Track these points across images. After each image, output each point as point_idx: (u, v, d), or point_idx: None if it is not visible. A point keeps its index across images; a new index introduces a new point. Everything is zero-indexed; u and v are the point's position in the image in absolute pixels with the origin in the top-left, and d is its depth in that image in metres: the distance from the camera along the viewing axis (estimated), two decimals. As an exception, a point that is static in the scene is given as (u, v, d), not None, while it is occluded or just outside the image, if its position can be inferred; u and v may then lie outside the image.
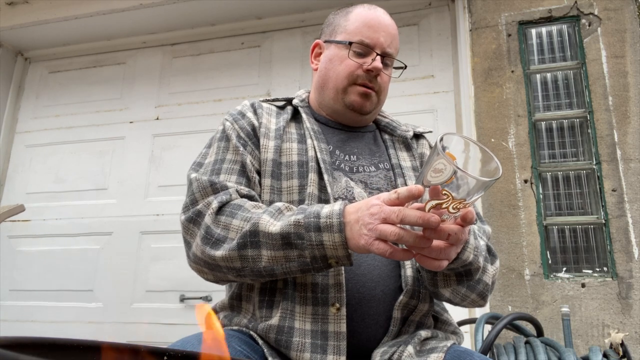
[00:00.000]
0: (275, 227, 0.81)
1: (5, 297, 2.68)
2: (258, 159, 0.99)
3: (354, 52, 1.04)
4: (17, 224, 2.78)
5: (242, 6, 2.67)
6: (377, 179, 1.02)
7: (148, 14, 2.75)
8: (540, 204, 2.06)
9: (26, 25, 2.86)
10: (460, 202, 0.68)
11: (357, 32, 1.04)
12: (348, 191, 0.98)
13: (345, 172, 1.01)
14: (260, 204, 0.89)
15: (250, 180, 0.96)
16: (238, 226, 0.84)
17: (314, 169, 0.96)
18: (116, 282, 2.54)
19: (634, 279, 1.89)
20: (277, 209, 0.85)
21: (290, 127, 1.06)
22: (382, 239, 0.73)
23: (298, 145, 1.01)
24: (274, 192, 0.96)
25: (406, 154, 1.10)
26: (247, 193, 0.92)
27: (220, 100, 2.71)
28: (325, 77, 1.08)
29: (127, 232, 2.61)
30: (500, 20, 2.32)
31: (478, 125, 2.22)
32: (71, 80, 3.02)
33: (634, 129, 2.04)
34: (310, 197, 0.93)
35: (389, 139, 1.13)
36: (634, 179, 1.99)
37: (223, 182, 0.92)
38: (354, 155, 1.05)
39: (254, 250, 0.82)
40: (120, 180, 2.72)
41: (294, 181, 0.96)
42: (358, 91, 1.04)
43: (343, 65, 1.04)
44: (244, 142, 1.00)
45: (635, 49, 2.12)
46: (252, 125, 1.02)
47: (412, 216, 0.70)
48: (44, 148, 2.92)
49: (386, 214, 0.72)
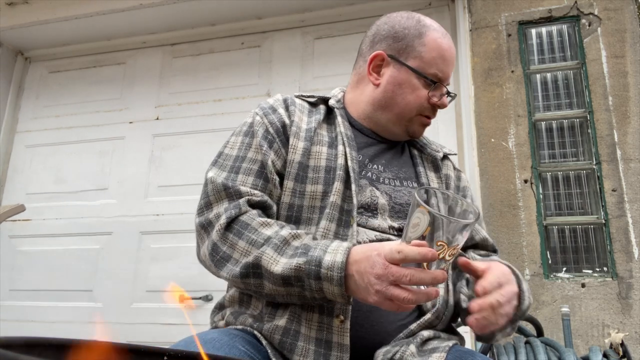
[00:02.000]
0: (277, 267, 0.81)
1: (5, 297, 2.68)
2: (283, 158, 0.97)
3: (425, 83, 1.02)
4: (17, 224, 2.78)
5: (242, 6, 2.67)
6: (401, 194, 1.01)
7: (148, 14, 2.75)
8: (540, 204, 2.06)
9: (26, 25, 2.86)
10: (454, 249, 0.70)
11: (432, 63, 1.02)
12: (373, 201, 0.97)
13: (371, 181, 0.99)
14: (268, 221, 0.88)
15: (268, 182, 0.94)
16: (243, 249, 0.85)
17: (340, 178, 0.94)
18: (116, 282, 2.54)
19: (634, 279, 1.89)
20: (283, 239, 0.84)
21: (322, 129, 1.03)
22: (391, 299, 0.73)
23: (328, 149, 0.99)
24: (295, 195, 0.94)
25: (434, 175, 1.09)
26: (259, 200, 0.91)
27: (220, 100, 2.71)
28: (390, 100, 1.04)
29: (127, 232, 2.61)
30: (500, 20, 2.32)
31: (478, 125, 2.22)
32: (71, 80, 3.02)
33: (634, 129, 2.04)
34: (332, 206, 0.92)
35: (417, 155, 1.11)
36: (634, 179, 1.99)
37: (237, 187, 0.91)
38: (381, 166, 1.04)
39: (257, 280, 0.84)
40: (120, 180, 2.72)
41: (319, 187, 0.94)
42: (422, 122, 1.05)
43: (414, 96, 1.02)
44: (272, 138, 0.98)
45: (635, 49, 2.12)
46: (283, 122, 1.00)
47: (426, 279, 0.71)
48: (44, 148, 2.92)
49: (396, 278, 0.72)
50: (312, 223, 0.93)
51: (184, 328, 2.35)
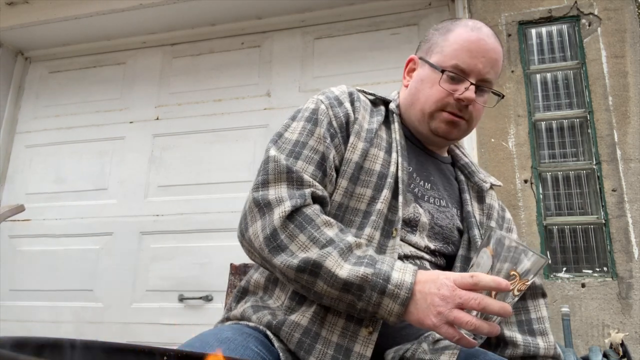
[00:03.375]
0: (342, 272, 0.78)
1: (5, 297, 2.68)
2: (341, 155, 0.94)
3: (448, 77, 0.98)
4: (17, 224, 2.78)
5: (242, 6, 2.67)
6: (443, 216, 0.99)
7: (148, 14, 2.75)
8: (540, 204, 2.06)
9: (26, 25, 2.86)
10: (524, 283, 0.71)
11: (453, 56, 0.98)
12: (415, 217, 0.95)
13: (416, 197, 0.98)
14: (330, 221, 0.85)
15: (325, 176, 0.91)
16: (302, 243, 0.82)
17: (390, 186, 0.92)
18: (116, 282, 2.54)
19: (634, 279, 1.89)
20: (348, 245, 0.81)
21: (382, 131, 1.00)
22: (451, 323, 0.72)
23: (385, 154, 0.96)
24: (347, 195, 0.92)
25: (477, 205, 1.07)
26: (321, 195, 0.89)
27: (220, 100, 2.71)
28: (414, 97, 1.03)
29: (127, 232, 2.61)
30: (500, 20, 2.32)
31: (478, 125, 2.22)
32: (71, 80, 3.02)
33: (634, 129, 2.04)
34: (378, 214, 0.90)
35: (464, 181, 1.09)
36: (634, 179, 1.99)
37: (300, 173, 0.88)
38: (428, 183, 1.01)
39: (311, 278, 0.81)
40: (120, 180, 2.72)
41: (368, 191, 0.92)
42: (445, 119, 0.99)
43: (433, 90, 0.99)
44: (334, 132, 0.95)
45: (635, 49, 2.12)
46: (347, 117, 0.97)
47: (494, 306, 0.70)
48: (44, 148, 2.92)
49: (464, 300, 0.71)
50: (353, 226, 0.91)
51: (184, 328, 2.35)
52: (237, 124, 2.61)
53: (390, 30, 2.57)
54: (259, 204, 0.87)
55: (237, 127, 2.61)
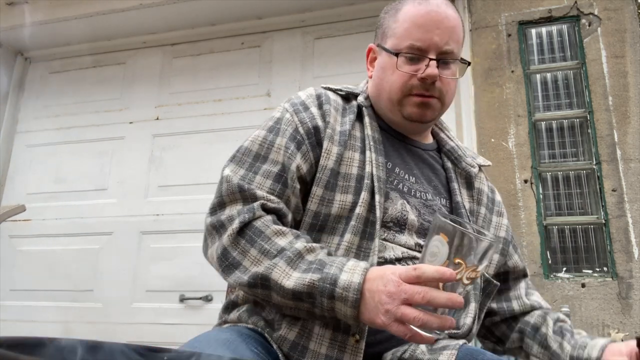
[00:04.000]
0: (289, 282, 0.77)
1: (5, 297, 2.68)
2: (310, 162, 0.91)
3: (405, 59, 0.94)
4: (17, 224, 2.78)
5: (242, 6, 2.67)
6: (430, 211, 0.95)
7: (148, 14, 2.75)
8: (540, 204, 2.06)
9: (26, 25, 2.86)
10: (473, 270, 0.66)
11: (406, 36, 0.93)
12: (403, 215, 0.91)
13: (402, 194, 0.93)
14: (283, 230, 0.83)
15: (287, 187, 0.88)
16: (254, 257, 0.81)
17: (367, 187, 0.89)
18: (116, 282, 2.54)
19: (634, 279, 1.89)
20: (297, 253, 0.79)
21: (355, 130, 0.96)
22: (401, 321, 0.68)
23: (360, 156, 0.93)
24: (323, 203, 0.89)
25: (466, 192, 1.02)
26: (274, 207, 0.86)
27: (220, 100, 2.71)
28: (379, 87, 0.99)
29: (127, 232, 2.61)
30: (500, 20, 2.32)
31: (478, 125, 2.22)
32: (71, 80, 3.02)
33: (634, 129, 2.04)
34: (357, 219, 0.87)
35: (451, 168, 1.04)
36: (634, 179, 1.99)
37: (253, 190, 0.86)
38: (413, 177, 0.97)
39: (264, 291, 0.80)
40: (120, 180, 2.72)
41: (349, 196, 0.89)
42: (415, 102, 0.94)
43: (395, 76, 0.95)
44: (300, 139, 0.91)
45: (635, 49, 2.12)
46: (315, 124, 0.93)
47: (440, 298, 0.66)
48: (44, 148, 2.92)
49: (408, 295, 0.67)
50: (337, 233, 0.88)
51: (184, 328, 2.35)
52: (237, 124, 2.61)
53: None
54: (215, 226, 0.87)
55: (237, 127, 2.61)
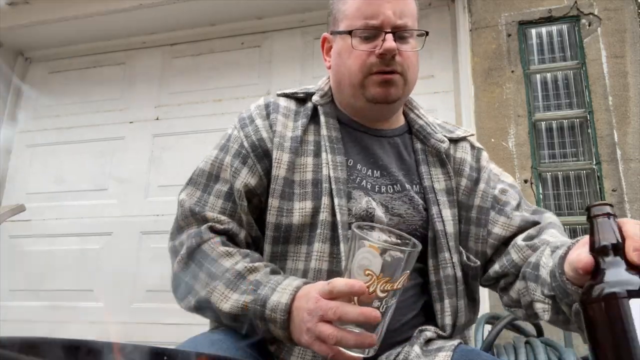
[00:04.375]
0: (227, 305, 0.77)
1: (5, 297, 2.68)
2: (259, 175, 0.89)
3: (360, 39, 0.90)
4: (17, 224, 2.78)
5: (242, 6, 2.67)
6: (399, 203, 0.90)
7: (148, 14, 2.75)
8: (540, 204, 2.06)
9: (26, 25, 2.86)
10: (386, 282, 0.62)
11: (358, 15, 0.90)
12: (369, 213, 0.87)
13: (366, 191, 0.90)
14: (230, 251, 0.83)
15: (237, 205, 0.88)
16: (203, 280, 0.81)
17: (327, 191, 0.86)
18: (116, 282, 2.54)
19: (634, 279, 1.89)
20: (237, 273, 0.79)
21: (309, 134, 0.93)
22: (322, 339, 0.65)
23: (314, 159, 0.90)
24: (282, 214, 0.86)
25: (440, 171, 0.96)
26: (223, 228, 0.86)
27: (220, 100, 2.71)
28: (338, 74, 0.95)
29: (127, 232, 2.61)
30: (500, 20, 2.32)
31: (478, 125, 2.22)
32: (71, 80, 3.02)
33: (634, 129, 2.04)
34: (323, 225, 0.84)
35: (420, 149, 0.97)
36: (634, 179, 1.99)
37: (204, 213, 0.88)
38: (378, 170, 0.93)
39: (211, 313, 0.82)
40: (120, 180, 2.72)
41: (308, 203, 0.86)
42: (376, 81, 0.90)
43: (352, 58, 0.90)
44: (246, 154, 0.91)
45: (635, 49, 2.12)
46: (260, 136, 0.91)
47: (352, 313, 0.62)
48: (44, 148, 2.92)
49: (323, 311, 0.64)
50: (303, 242, 0.86)
51: (184, 328, 2.34)
52: (237, 124, 2.61)
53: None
54: (172, 250, 0.91)
55: (237, 127, 2.61)
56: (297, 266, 0.86)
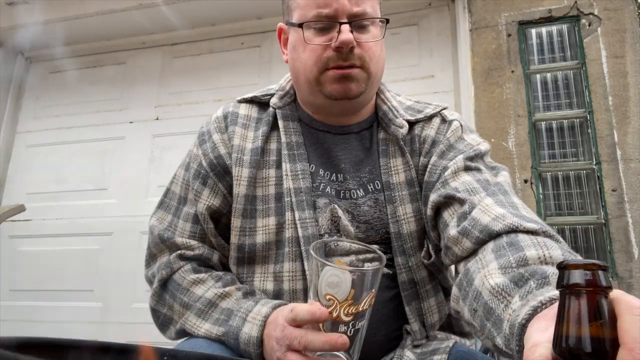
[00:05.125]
0: (200, 334, 0.76)
1: (5, 297, 2.68)
2: (222, 194, 0.86)
3: (315, 30, 0.81)
4: (17, 224, 2.78)
5: (242, 6, 2.67)
6: (365, 208, 0.84)
7: (148, 14, 2.75)
8: (540, 204, 2.06)
9: (26, 25, 2.86)
10: (349, 305, 0.59)
11: (310, 5, 0.81)
12: (334, 223, 0.82)
13: (331, 198, 0.84)
14: (200, 278, 0.81)
15: (205, 230, 0.86)
16: (179, 311, 0.81)
17: (289, 205, 0.81)
18: (116, 282, 2.54)
19: (634, 279, 1.89)
20: (208, 302, 0.78)
21: (271, 142, 0.87)
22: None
23: (276, 171, 0.84)
24: (244, 233, 0.82)
25: (400, 161, 0.86)
26: (193, 255, 0.84)
27: (220, 100, 2.71)
28: (294, 69, 0.87)
29: (127, 232, 2.61)
30: (500, 20, 2.32)
31: (478, 125, 2.22)
32: (71, 80, 3.02)
33: (634, 129, 2.04)
34: (289, 243, 0.80)
35: (382, 139, 0.88)
36: (634, 179, 1.99)
37: (173, 239, 0.86)
38: (340, 174, 0.86)
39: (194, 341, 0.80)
40: (120, 180, 2.72)
41: (271, 219, 0.82)
42: (333, 77, 0.81)
43: (307, 52, 0.82)
44: (205, 174, 0.87)
45: (635, 49, 2.12)
46: (217, 153, 0.87)
47: (317, 342, 0.59)
48: (44, 148, 2.92)
49: (289, 340, 0.62)
50: (270, 262, 0.82)
51: (184, 328, 2.35)
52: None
53: (390, 30, 2.55)
54: (147, 279, 0.89)
55: (237, 127, 2.61)
56: (265, 286, 0.81)
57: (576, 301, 0.34)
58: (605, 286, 0.35)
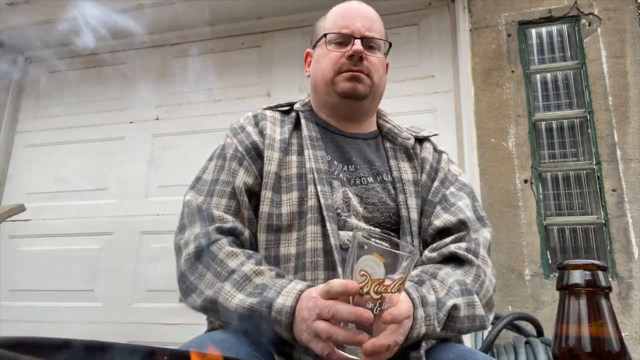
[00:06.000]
0: (232, 303, 0.80)
1: (5, 297, 2.68)
2: (255, 174, 0.98)
3: (335, 45, 1.05)
4: (17, 223, 2.78)
5: (242, 6, 2.67)
6: (373, 193, 1.00)
7: (148, 14, 2.75)
8: (540, 204, 2.06)
9: (26, 25, 2.86)
10: (379, 284, 0.65)
11: (333, 27, 1.07)
12: (345, 202, 0.97)
13: (343, 183, 1.00)
14: (235, 252, 0.88)
15: (240, 203, 0.96)
16: (209, 281, 0.86)
17: (312, 181, 0.95)
18: (116, 282, 2.54)
19: (634, 279, 1.89)
20: (244, 275, 0.84)
21: (293, 137, 1.05)
22: (320, 337, 0.70)
23: (297, 157, 1.01)
24: (273, 204, 0.95)
25: (408, 165, 1.06)
26: (229, 227, 0.92)
27: (220, 100, 2.71)
28: (315, 77, 1.09)
29: (127, 232, 2.61)
30: (500, 20, 2.32)
31: (478, 125, 2.22)
32: (71, 80, 3.02)
33: (634, 129, 2.04)
34: (311, 210, 0.92)
35: (390, 147, 1.09)
36: (634, 179, 1.99)
37: (210, 210, 0.94)
38: (352, 165, 1.03)
39: (215, 315, 0.86)
40: (120, 180, 2.72)
41: (294, 194, 0.95)
42: (345, 77, 1.03)
43: (327, 60, 1.05)
44: (241, 156, 1.00)
45: (635, 49, 2.12)
46: (252, 140, 1.02)
47: (343, 311, 0.67)
48: (44, 148, 2.92)
49: (320, 309, 0.70)
50: (294, 229, 0.94)
51: (184, 328, 2.34)
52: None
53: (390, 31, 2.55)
54: (177, 247, 0.95)
55: (237, 127, 2.61)
56: (289, 251, 0.93)
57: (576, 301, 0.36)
58: (604, 286, 0.35)
